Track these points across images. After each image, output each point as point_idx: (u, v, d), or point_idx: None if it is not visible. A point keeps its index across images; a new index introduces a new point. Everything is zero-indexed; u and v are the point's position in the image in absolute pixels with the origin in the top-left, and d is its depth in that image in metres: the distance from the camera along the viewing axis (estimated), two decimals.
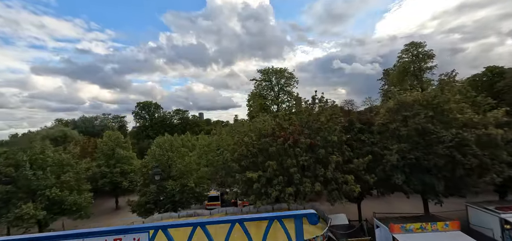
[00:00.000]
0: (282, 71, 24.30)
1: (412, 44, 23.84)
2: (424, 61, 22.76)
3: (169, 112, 66.14)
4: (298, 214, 2.31)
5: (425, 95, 11.02)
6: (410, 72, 22.86)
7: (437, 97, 10.76)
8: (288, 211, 2.61)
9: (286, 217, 2.34)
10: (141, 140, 60.84)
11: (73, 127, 40.02)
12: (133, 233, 2.12)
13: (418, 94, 11.60)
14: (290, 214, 2.34)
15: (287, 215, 2.35)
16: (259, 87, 23.74)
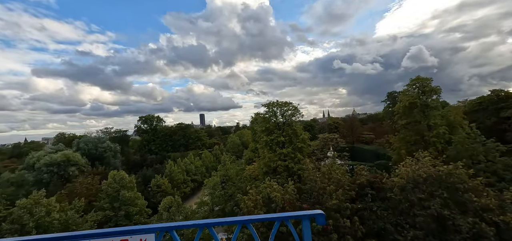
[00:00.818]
0: (287, 104, 24.17)
1: (418, 79, 23.62)
2: (430, 96, 22.49)
3: (172, 127, 66.02)
4: (305, 215, 2.26)
5: (438, 173, 10.71)
6: (417, 108, 22.57)
7: (452, 175, 10.45)
8: (296, 212, 2.60)
9: (294, 218, 2.30)
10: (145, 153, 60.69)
11: (76, 149, 39.92)
12: (140, 234, 2.09)
13: (431, 168, 11.25)
14: (297, 214, 2.30)
15: (295, 215, 2.31)
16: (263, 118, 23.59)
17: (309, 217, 2.27)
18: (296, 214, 2.31)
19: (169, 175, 30.18)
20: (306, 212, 2.26)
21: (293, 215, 2.32)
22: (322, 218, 2.24)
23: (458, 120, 22.17)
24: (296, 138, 22.96)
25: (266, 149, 23.26)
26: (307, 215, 2.25)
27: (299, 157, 21.98)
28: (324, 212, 8.90)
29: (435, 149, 21.30)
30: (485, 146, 18.47)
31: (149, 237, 2.09)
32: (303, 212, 2.26)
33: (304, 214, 2.26)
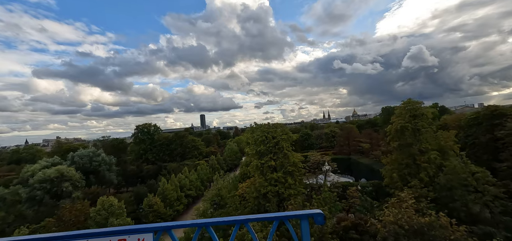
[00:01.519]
0: (279, 125, 24.11)
1: (409, 102, 23.54)
2: (421, 120, 22.39)
3: (169, 136, 65.97)
4: (304, 214, 2.25)
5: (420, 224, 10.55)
6: (409, 131, 22.45)
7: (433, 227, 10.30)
8: (295, 211, 2.42)
9: (292, 217, 2.30)
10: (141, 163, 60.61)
11: (69, 164, 39.84)
12: (137, 233, 2.09)
13: (413, 217, 11.09)
14: (296, 214, 2.29)
15: (293, 215, 2.30)
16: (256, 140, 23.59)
17: (308, 217, 2.25)
18: (295, 214, 2.30)
19: (162, 193, 30.09)
20: (305, 212, 2.25)
21: (292, 214, 2.30)
22: (321, 217, 2.20)
23: (449, 145, 22.03)
24: (287, 161, 22.86)
25: (257, 173, 23.16)
26: (305, 215, 2.24)
27: (289, 181, 21.87)
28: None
29: (426, 175, 21.19)
30: (475, 175, 18.32)
31: (147, 236, 2.09)
32: (302, 212, 2.25)
33: (303, 214, 2.25)
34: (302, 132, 64.82)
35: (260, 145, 23.27)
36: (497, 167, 28.41)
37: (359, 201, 21.23)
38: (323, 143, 62.64)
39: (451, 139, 22.38)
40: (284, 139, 23.16)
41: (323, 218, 2.22)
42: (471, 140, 35.64)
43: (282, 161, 23.03)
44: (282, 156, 22.95)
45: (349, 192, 24.70)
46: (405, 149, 23.23)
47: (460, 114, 40.06)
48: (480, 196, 17.04)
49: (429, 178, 21.11)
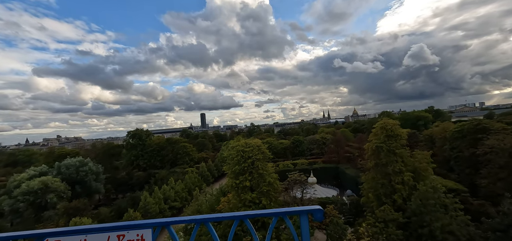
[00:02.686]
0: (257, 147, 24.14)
1: (385, 122, 23.52)
2: (396, 141, 22.37)
3: (160, 142, 65.94)
4: (303, 210, 2.25)
5: None
6: (384, 152, 22.44)
7: None
8: (294, 207, 2.49)
9: (292, 214, 2.31)
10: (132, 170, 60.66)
11: (56, 174, 39.89)
12: (136, 229, 2.11)
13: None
14: (295, 210, 2.30)
15: (293, 211, 2.32)
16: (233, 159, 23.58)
17: (307, 213, 2.25)
18: (294, 210, 2.30)
19: (144, 208, 30.14)
20: (304, 208, 2.26)
21: (291, 210, 2.32)
22: (320, 214, 2.21)
23: (423, 167, 21.98)
24: (263, 181, 22.83)
25: (233, 192, 23.18)
26: (305, 211, 2.25)
27: (263, 202, 21.86)
28: None
29: (399, 196, 21.18)
30: (445, 200, 18.27)
31: (146, 232, 2.10)
32: (301, 208, 2.25)
33: (302, 210, 2.25)
34: (294, 138, 64.77)
35: (235, 165, 23.25)
36: (478, 183, 28.42)
37: (331, 224, 21.21)
38: (315, 149, 62.59)
39: (425, 160, 22.32)
40: (259, 159, 23.11)
41: (322, 214, 2.23)
42: (455, 153, 35.60)
43: (257, 181, 23.01)
44: (258, 176, 22.93)
45: (327, 210, 24.72)
46: (381, 169, 23.21)
47: (447, 125, 39.97)
48: (448, 223, 17.01)
49: (402, 200, 21.11)
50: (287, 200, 25.20)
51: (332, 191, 37.66)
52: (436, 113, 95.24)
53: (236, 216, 2.29)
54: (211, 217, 2.31)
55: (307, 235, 2.23)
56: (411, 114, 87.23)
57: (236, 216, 2.30)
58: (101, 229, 2.09)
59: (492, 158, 25.05)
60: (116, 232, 2.09)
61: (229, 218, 2.33)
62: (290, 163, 53.10)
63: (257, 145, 24.03)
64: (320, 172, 48.33)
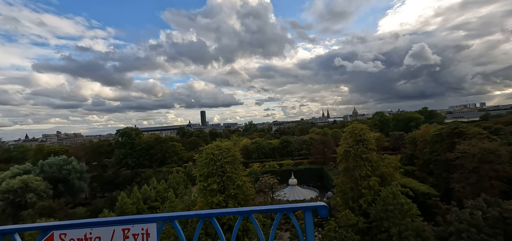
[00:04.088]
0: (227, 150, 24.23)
1: (353, 127, 23.59)
2: (364, 145, 22.45)
3: (149, 140, 66.02)
4: (308, 207, 2.27)
5: None
6: (351, 156, 22.54)
7: None
8: (299, 203, 2.57)
9: (296, 210, 2.32)
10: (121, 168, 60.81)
11: (39, 172, 39.99)
12: (141, 223, 2.13)
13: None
14: (300, 206, 2.32)
15: (298, 207, 2.33)
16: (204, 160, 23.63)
17: (312, 209, 2.26)
18: (299, 206, 2.32)
19: (120, 208, 30.29)
20: (308, 204, 2.27)
21: (296, 206, 2.33)
22: (324, 210, 2.22)
23: (389, 172, 22.09)
24: (232, 184, 22.94)
25: (201, 195, 23.30)
26: (309, 207, 2.26)
27: (230, 205, 21.95)
28: None
29: (365, 201, 21.31)
30: (404, 207, 18.37)
31: (150, 226, 2.12)
32: (306, 204, 2.28)
33: (306, 206, 2.27)
34: (282, 139, 64.89)
35: (204, 168, 23.34)
36: (452, 187, 28.54)
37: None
38: (303, 150, 62.70)
39: (392, 165, 22.42)
40: (229, 162, 23.19)
41: (327, 210, 2.24)
42: (434, 156, 35.71)
43: (226, 184, 23.12)
44: (226, 179, 23.03)
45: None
46: (349, 173, 23.33)
47: (427, 128, 40.07)
48: (404, 229, 17.14)
49: (367, 205, 21.24)
50: (257, 204, 25.34)
51: (312, 192, 37.80)
52: (430, 114, 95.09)
53: (241, 211, 2.33)
54: (216, 212, 2.34)
55: (312, 231, 2.26)
56: (403, 115, 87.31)
57: (241, 211, 2.33)
58: (107, 223, 2.15)
59: (463, 163, 25.16)
60: (121, 226, 2.12)
61: (234, 213, 2.38)
62: (276, 164, 53.24)
63: (227, 148, 24.10)
64: (304, 173, 48.49)
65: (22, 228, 2.18)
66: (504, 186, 23.49)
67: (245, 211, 2.31)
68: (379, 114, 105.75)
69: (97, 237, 2.08)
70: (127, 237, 2.10)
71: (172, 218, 2.23)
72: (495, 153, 23.20)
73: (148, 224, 2.13)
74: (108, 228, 2.11)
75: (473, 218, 11.95)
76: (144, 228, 2.12)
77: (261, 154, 61.34)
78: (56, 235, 2.05)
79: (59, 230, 2.06)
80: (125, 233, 2.11)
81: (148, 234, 2.11)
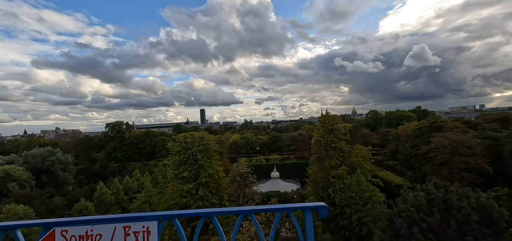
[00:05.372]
0: (201, 138, 24.30)
1: (326, 117, 23.68)
2: (334, 135, 22.55)
3: (139, 134, 66.07)
4: (308, 206, 2.27)
5: None
6: (322, 146, 22.67)
7: None
8: (298, 203, 2.57)
9: (296, 209, 2.33)
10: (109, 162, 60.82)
11: (22, 162, 40.02)
12: (142, 221, 2.13)
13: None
14: (300, 206, 2.33)
15: (297, 207, 2.34)
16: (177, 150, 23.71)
17: (312, 209, 2.28)
18: (299, 206, 2.33)
19: (98, 198, 30.36)
20: (308, 204, 2.28)
21: (296, 206, 2.35)
22: (325, 210, 2.23)
23: (358, 161, 22.22)
24: (203, 173, 23.04)
25: (172, 182, 23.45)
26: (309, 207, 2.27)
27: (200, 193, 22.06)
28: None
29: (333, 190, 21.46)
30: (367, 193, 18.53)
31: (151, 224, 2.12)
32: (306, 204, 2.28)
33: (306, 206, 2.27)
34: (271, 134, 65.06)
35: (176, 156, 23.45)
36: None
37: None
38: (292, 145, 62.86)
39: (362, 155, 22.57)
40: (201, 150, 23.29)
41: (327, 210, 2.24)
42: (414, 150, 35.95)
43: (197, 172, 23.24)
44: (198, 167, 23.15)
45: (271, 202, 25.03)
46: (321, 163, 23.48)
47: (410, 124, 40.26)
48: (364, 216, 17.32)
49: (335, 194, 21.39)
50: (230, 192, 25.49)
51: (294, 185, 37.98)
52: (423, 113, 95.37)
53: (241, 210, 2.32)
54: (216, 211, 2.34)
55: (311, 231, 2.25)
56: (395, 113, 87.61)
57: (241, 210, 2.32)
58: (108, 220, 2.13)
59: (435, 155, 25.34)
60: (122, 223, 2.11)
61: (234, 212, 2.39)
62: (264, 158, 53.40)
63: (200, 137, 24.21)
64: (290, 167, 48.73)
65: (24, 224, 2.19)
66: (475, 178, 23.66)
67: (245, 211, 2.31)
68: (373, 112, 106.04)
69: (98, 234, 2.07)
70: (128, 234, 2.09)
71: (173, 216, 2.24)
72: (466, 144, 23.36)
73: (149, 222, 2.13)
74: (109, 226, 2.10)
75: (416, 199, 12.13)
76: (145, 225, 2.11)
77: (250, 150, 61.49)
78: (58, 231, 2.05)
79: (60, 227, 2.07)
80: (126, 230, 2.10)
81: (149, 231, 2.11)
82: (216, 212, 2.33)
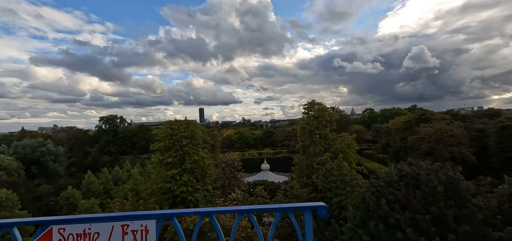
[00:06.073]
0: (188, 122, 24.28)
1: (311, 104, 23.75)
2: (322, 122, 22.62)
3: (132, 128, 66.00)
4: (307, 206, 2.26)
5: None
6: (307, 133, 22.75)
7: None
8: (297, 203, 2.49)
9: (296, 209, 2.32)
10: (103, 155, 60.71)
11: (12, 153, 39.87)
12: (140, 219, 2.11)
13: None
14: (299, 206, 2.32)
15: (297, 207, 2.33)
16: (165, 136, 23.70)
17: (311, 209, 2.27)
18: (298, 206, 2.33)
19: (86, 186, 30.32)
20: (308, 204, 2.28)
21: (295, 206, 2.35)
22: (324, 210, 2.23)
23: (343, 148, 22.32)
24: (189, 158, 23.04)
25: (156, 168, 23.46)
26: (309, 207, 2.26)
27: (185, 178, 22.03)
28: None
29: (316, 176, 21.53)
30: (346, 177, 18.59)
31: (150, 223, 2.11)
32: (305, 204, 2.29)
33: (306, 206, 2.27)
34: (265, 129, 65.14)
35: (161, 141, 23.45)
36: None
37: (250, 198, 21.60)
38: (285, 141, 63.02)
39: (347, 143, 22.67)
40: (186, 136, 23.29)
41: (327, 211, 2.25)
42: (404, 143, 36.19)
43: (182, 159, 23.25)
44: (183, 153, 23.16)
45: (256, 190, 25.12)
46: (306, 151, 23.57)
47: (400, 117, 40.46)
48: (343, 199, 17.41)
49: (318, 180, 21.46)
50: (216, 179, 25.54)
51: (284, 177, 38.11)
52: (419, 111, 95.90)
53: (241, 210, 2.32)
54: (215, 210, 2.36)
55: (310, 231, 2.24)
56: (390, 111, 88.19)
57: (240, 210, 2.32)
58: (106, 218, 2.12)
59: (420, 145, 25.51)
60: (121, 222, 2.10)
61: (233, 211, 2.38)
62: (256, 153, 53.50)
63: (186, 123, 24.22)
64: (282, 160, 48.91)
65: (21, 222, 2.18)
66: (459, 167, 23.81)
67: (244, 210, 2.31)
68: (369, 110, 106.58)
69: (96, 232, 2.05)
70: (126, 233, 2.08)
71: (171, 215, 2.23)
72: (450, 133, 23.53)
73: (147, 220, 2.11)
74: (107, 224, 2.09)
75: (388, 175, 12.27)
76: (143, 224, 2.10)
77: (244, 144, 61.55)
78: (55, 229, 2.03)
79: (58, 225, 2.05)
80: (124, 229, 2.09)
81: (147, 230, 2.09)
82: (215, 211, 2.35)
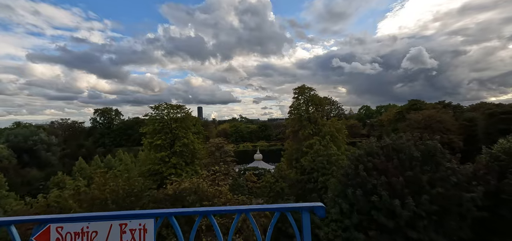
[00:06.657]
0: (178, 106, 24.27)
1: (302, 88, 23.83)
2: (314, 107, 22.73)
3: (127, 121, 65.81)
4: (305, 207, 2.28)
5: None
6: (297, 117, 22.86)
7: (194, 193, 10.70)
8: (296, 203, 2.55)
9: (293, 210, 2.33)
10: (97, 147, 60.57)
11: (4, 141, 39.67)
12: (138, 218, 2.12)
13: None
14: (297, 206, 2.33)
15: (294, 207, 2.34)
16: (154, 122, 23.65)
17: (309, 209, 2.28)
18: (296, 206, 2.35)
19: (77, 172, 30.27)
20: (305, 204, 2.29)
21: (293, 206, 2.36)
22: (322, 210, 2.23)
23: (332, 132, 22.45)
24: (178, 141, 23.06)
25: (146, 150, 23.48)
26: (306, 207, 2.27)
27: (173, 161, 22.05)
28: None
29: (305, 159, 21.66)
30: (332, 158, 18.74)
31: (148, 222, 2.10)
32: (303, 204, 2.29)
33: (303, 206, 2.28)
34: (260, 123, 65.30)
35: (150, 124, 23.47)
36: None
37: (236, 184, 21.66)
38: (280, 134, 63.22)
39: (336, 127, 22.80)
40: (175, 119, 23.31)
41: (324, 210, 2.25)
42: (395, 133, 36.46)
43: (172, 141, 23.27)
44: (172, 136, 23.18)
45: (246, 176, 25.20)
46: (296, 136, 23.68)
47: (392, 109, 40.69)
48: (328, 179, 17.54)
49: (307, 163, 21.60)
50: (206, 163, 25.58)
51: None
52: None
53: (239, 210, 2.33)
54: (213, 209, 2.39)
55: (308, 231, 2.24)
56: (386, 107, 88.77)
57: (238, 210, 2.33)
58: (104, 217, 2.12)
59: (408, 131, 25.68)
60: (119, 221, 2.09)
61: (231, 211, 2.39)
62: (251, 145, 53.60)
63: (177, 106, 24.23)
64: (276, 152, 49.00)
65: (18, 220, 2.17)
66: None
67: (243, 210, 2.33)
68: (365, 107, 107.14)
69: (94, 231, 2.05)
70: (124, 232, 2.08)
71: (170, 214, 2.22)
72: (438, 119, 23.74)
73: (146, 219, 2.11)
74: (105, 223, 2.09)
75: (368, 146, 12.50)
76: (141, 223, 2.10)
77: (239, 137, 61.62)
78: (53, 228, 2.03)
79: (55, 223, 2.04)
80: (122, 228, 2.08)
81: (146, 229, 2.09)
82: (214, 211, 2.38)
